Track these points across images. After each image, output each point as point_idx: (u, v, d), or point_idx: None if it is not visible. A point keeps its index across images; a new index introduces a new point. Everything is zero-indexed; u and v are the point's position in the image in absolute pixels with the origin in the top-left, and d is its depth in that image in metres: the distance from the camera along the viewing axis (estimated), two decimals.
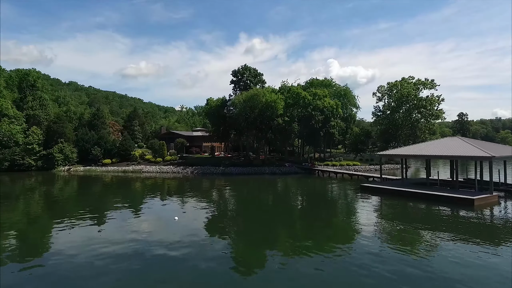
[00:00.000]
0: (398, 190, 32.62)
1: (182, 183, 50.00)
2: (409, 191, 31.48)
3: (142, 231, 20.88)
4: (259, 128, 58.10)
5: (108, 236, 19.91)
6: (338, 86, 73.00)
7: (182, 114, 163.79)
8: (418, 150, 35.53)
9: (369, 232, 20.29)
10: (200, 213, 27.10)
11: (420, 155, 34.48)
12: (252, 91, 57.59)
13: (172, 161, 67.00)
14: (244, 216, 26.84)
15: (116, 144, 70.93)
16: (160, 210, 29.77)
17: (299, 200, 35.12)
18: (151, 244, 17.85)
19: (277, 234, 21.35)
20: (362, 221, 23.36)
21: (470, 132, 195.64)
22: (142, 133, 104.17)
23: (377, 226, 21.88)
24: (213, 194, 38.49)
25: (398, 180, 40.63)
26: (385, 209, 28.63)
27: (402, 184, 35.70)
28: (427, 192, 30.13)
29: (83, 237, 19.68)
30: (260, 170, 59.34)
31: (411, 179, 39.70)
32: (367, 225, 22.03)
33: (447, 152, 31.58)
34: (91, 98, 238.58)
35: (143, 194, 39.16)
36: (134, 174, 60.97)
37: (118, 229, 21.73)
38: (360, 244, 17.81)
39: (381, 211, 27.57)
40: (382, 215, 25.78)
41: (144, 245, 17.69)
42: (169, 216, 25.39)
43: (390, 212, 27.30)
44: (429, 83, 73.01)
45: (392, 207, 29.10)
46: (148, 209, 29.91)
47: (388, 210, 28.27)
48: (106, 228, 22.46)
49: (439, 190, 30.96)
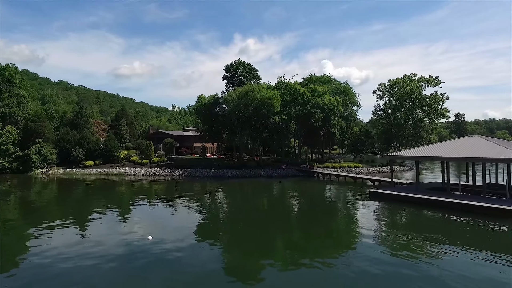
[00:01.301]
0: (415, 197, 28.21)
1: (169, 187, 45.16)
2: (430, 199, 27.09)
3: (126, 240, 18.80)
4: (253, 127, 53.45)
5: (89, 247, 17.64)
6: (338, 82, 68.65)
7: (174, 113, 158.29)
8: (434, 151, 31.21)
9: (395, 255, 15.81)
10: (188, 220, 24.74)
11: (437, 157, 30.13)
12: (247, 87, 52.95)
13: (160, 163, 62.01)
14: (237, 228, 22.22)
15: (99, 144, 65.68)
16: (145, 217, 26.41)
17: (300, 210, 30.51)
18: (135, 255, 16.19)
19: (276, 247, 17.60)
20: (382, 240, 18.88)
21: (467, 133, 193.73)
22: (131, 133, 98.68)
23: (407, 249, 17.39)
24: (202, 201, 33.76)
25: (411, 185, 36.29)
26: (404, 222, 24.18)
27: (417, 190, 31.33)
28: (452, 200, 25.75)
29: (64, 246, 17.86)
30: (255, 172, 54.68)
31: (425, 184, 35.40)
32: (389, 247, 17.55)
33: (472, 153, 27.27)
34: (81, 97, 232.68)
35: (124, 201, 34.30)
36: (118, 177, 55.92)
37: (98, 242, 18.71)
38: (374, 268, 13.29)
39: (401, 225, 23.10)
40: (404, 233, 21.27)
41: (129, 255, 16.26)
42: (154, 225, 22.96)
43: (413, 227, 22.83)
44: (433, 80, 69.06)
45: (413, 220, 24.68)
46: (130, 217, 26.19)
47: (409, 224, 23.81)
48: (90, 233, 20.81)
49: (464, 198, 26.62)
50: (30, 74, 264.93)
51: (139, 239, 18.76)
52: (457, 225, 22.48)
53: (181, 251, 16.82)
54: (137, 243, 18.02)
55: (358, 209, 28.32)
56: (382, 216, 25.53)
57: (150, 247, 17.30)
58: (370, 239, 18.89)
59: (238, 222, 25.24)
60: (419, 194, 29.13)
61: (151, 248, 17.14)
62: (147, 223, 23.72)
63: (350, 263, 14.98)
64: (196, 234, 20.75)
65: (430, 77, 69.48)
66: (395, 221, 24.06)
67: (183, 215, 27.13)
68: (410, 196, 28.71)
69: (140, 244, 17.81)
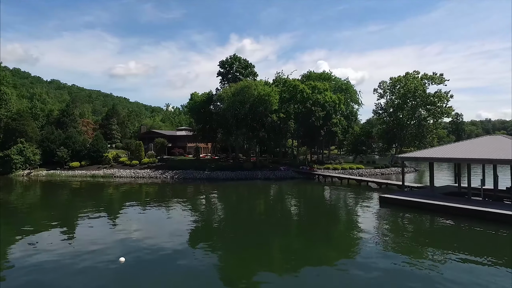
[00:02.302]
0: (433, 204, 24.92)
1: (158, 190, 41.57)
2: (450, 206, 23.81)
3: (114, 247, 17.62)
4: (250, 126, 49.98)
5: (73, 256, 16.17)
6: (339, 80, 65.30)
7: (168, 113, 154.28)
8: (452, 152, 27.97)
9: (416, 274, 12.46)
10: (180, 226, 22.76)
11: (457, 158, 26.86)
12: (243, 83, 49.47)
13: (150, 164, 58.26)
14: (232, 235, 18.75)
15: (86, 144, 61.78)
16: (134, 222, 24.12)
17: (302, 217, 27.07)
18: (126, 262, 14.90)
19: (275, 257, 15.76)
20: (408, 265, 15.52)
21: (465, 133, 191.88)
22: (122, 132, 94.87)
23: (432, 267, 14.03)
24: (195, 206, 30.26)
25: (423, 189, 33.05)
26: (424, 233, 20.85)
27: (433, 195, 28.09)
28: (479, 208, 22.48)
29: (49, 252, 16.71)
30: (251, 174, 51.20)
31: (438, 188, 32.17)
32: (413, 269, 14.19)
33: (498, 155, 24.04)
34: (72, 96, 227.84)
35: (110, 205, 30.64)
36: (104, 179, 52.19)
37: (84, 250, 17.19)
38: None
39: (421, 238, 19.73)
40: (427, 247, 17.93)
41: (118, 262, 14.91)
42: (144, 231, 21.26)
43: (436, 240, 19.49)
44: (437, 78, 65.99)
45: (435, 231, 21.41)
46: (118, 223, 24.18)
47: (431, 236, 20.48)
48: (76, 240, 19.44)
49: (489, 205, 23.38)
50: (21, 73, 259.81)
51: (127, 245, 17.78)
52: (488, 237, 19.21)
53: (173, 259, 15.79)
54: (127, 250, 16.93)
55: (368, 217, 24.95)
56: (399, 227, 22.22)
57: (141, 254, 16.33)
58: (388, 257, 15.51)
59: (234, 229, 22.59)
60: (436, 200, 25.87)
61: (142, 255, 16.19)
62: (136, 228, 21.84)
63: None
64: (189, 241, 19.28)
65: (434, 74, 66.45)
66: (413, 232, 20.72)
67: (174, 221, 24.89)
68: (427, 203, 25.40)
69: (130, 250, 16.82)
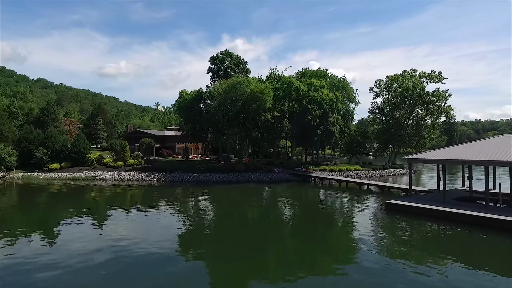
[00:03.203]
0: (449, 212, 22.15)
1: (144, 194, 38.20)
2: (471, 215, 21.06)
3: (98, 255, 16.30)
4: (242, 125, 46.84)
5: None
6: (335, 77, 62.56)
7: (157, 112, 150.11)
8: (466, 154, 25.31)
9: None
10: (167, 232, 21.30)
11: (475, 161, 24.13)
12: (234, 79, 46.30)
13: (136, 166, 54.66)
14: (223, 244, 15.70)
15: (67, 145, 57.85)
16: (117, 228, 22.04)
17: (301, 226, 24.00)
18: (111, 270, 14.11)
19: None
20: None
21: (457, 134, 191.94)
22: (108, 132, 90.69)
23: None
24: (182, 211, 27.01)
25: (431, 193, 30.37)
26: (444, 247, 18.03)
27: (444, 201, 25.39)
28: (504, 218, 19.76)
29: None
30: (243, 177, 48.03)
31: (448, 192, 29.52)
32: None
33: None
34: (59, 95, 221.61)
35: (86, 211, 27.18)
36: (85, 182, 48.44)
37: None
38: None
39: (445, 256, 16.90)
40: (451, 265, 15.07)
41: (102, 270, 14.14)
42: (128, 238, 19.62)
43: (462, 255, 16.68)
44: (436, 76, 63.78)
45: (458, 247, 18.60)
46: (101, 229, 21.88)
47: (453, 250, 17.66)
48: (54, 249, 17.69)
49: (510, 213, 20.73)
50: (6, 71, 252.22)
51: (110, 253, 16.60)
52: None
53: (160, 266, 14.71)
54: (110, 257, 15.90)
55: (374, 227, 22.06)
56: (411, 239, 19.35)
57: (126, 260, 15.41)
58: (400, 273, 12.57)
59: (225, 235, 20.87)
60: (450, 207, 23.14)
61: (127, 262, 15.29)
62: (120, 236, 19.84)
63: None
64: (177, 248, 17.88)
65: (432, 72, 64.26)
66: (430, 246, 17.87)
67: (160, 227, 22.86)
68: (441, 211, 22.63)
69: (113, 258, 15.84)
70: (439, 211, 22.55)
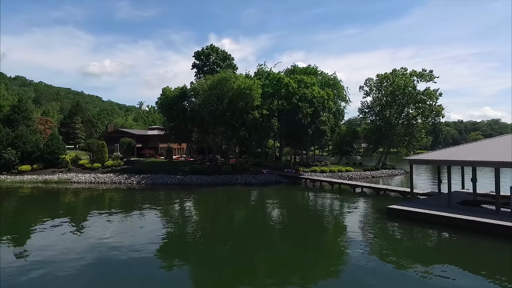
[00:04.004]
0: (457, 219, 19.96)
1: (120, 199, 34.84)
2: (483, 222, 18.89)
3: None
4: (229, 123, 43.99)
5: None
6: (326, 74, 60.39)
7: (141, 111, 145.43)
8: (473, 154, 23.27)
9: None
10: (149, 239, 19.52)
11: (481, 162, 22.05)
12: (220, 75, 43.43)
13: (114, 167, 51.00)
14: (209, 250, 13.12)
15: (39, 145, 53.65)
16: (93, 235, 19.93)
17: (294, 235, 21.37)
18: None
19: None
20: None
21: (442, 133, 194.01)
22: (87, 132, 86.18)
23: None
24: (163, 216, 24.00)
25: (432, 196, 28.28)
26: (456, 257, 15.73)
27: (449, 206, 23.29)
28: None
29: None
30: (230, 179, 45.15)
31: (449, 194, 27.50)
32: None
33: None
34: (38, 94, 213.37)
35: (57, 217, 23.82)
36: (58, 185, 44.62)
37: None
38: None
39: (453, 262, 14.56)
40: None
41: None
42: (107, 245, 18.15)
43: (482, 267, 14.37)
44: (427, 75, 62.58)
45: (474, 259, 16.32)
46: (71, 237, 16.89)
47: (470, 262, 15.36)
48: None
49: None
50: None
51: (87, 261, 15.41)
52: None
53: (142, 276, 13.67)
54: (87, 266, 14.79)
55: (375, 235, 19.67)
56: (420, 251, 17.00)
57: (107, 269, 14.57)
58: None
59: (210, 243, 18.54)
60: (455, 212, 20.99)
61: (108, 270, 14.46)
62: (97, 243, 18.37)
63: None
64: (161, 253, 16.78)
65: (423, 71, 63.01)
66: (442, 257, 15.56)
67: (141, 233, 20.88)
68: (448, 217, 20.41)
69: (91, 267, 14.77)
70: (447, 218, 20.31)
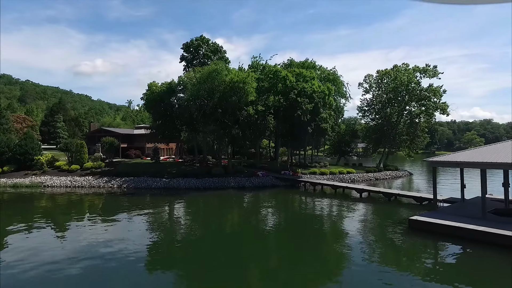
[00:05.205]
0: (501, 236, 16.04)
1: (97, 204, 30.26)
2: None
3: None
4: (220, 121, 39.69)
5: None
6: (325, 69, 56.31)
7: (130, 110, 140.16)
8: (506, 156, 19.40)
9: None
10: (132, 248, 17.09)
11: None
12: (211, 67, 39.07)
13: (94, 170, 46.28)
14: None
15: (10, 145, 48.63)
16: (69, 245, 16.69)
17: (300, 254, 17.18)
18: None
19: None
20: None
21: (438, 134, 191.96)
22: (70, 131, 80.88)
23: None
24: (147, 225, 19.63)
25: (455, 203, 24.35)
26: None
27: (484, 217, 19.38)
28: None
29: None
30: (221, 182, 40.79)
31: (473, 202, 23.65)
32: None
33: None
34: (23, 92, 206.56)
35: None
36: (30, 190, 39.93)
37: None
38: None
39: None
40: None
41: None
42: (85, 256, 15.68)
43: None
44: (431, 70, 59.02)
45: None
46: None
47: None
48: None
49: None
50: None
51: None
52: None
53: None
54: None
55: (406, 259, 15.63)
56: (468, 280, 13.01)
57: None
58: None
59: (197, 256, 12.75)
60: (496, 226, 17.09)
61: None
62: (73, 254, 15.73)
63: None
64: (147, 266, 14.71)
65: (427, 66, 59.49)
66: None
67: (123, 245, 17.57)
68: (490, 233, 16.47)
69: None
70: (491, 234, 16.34)
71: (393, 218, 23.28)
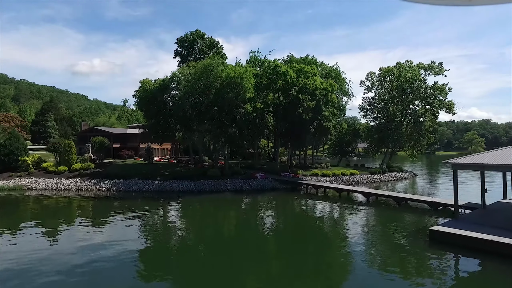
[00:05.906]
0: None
1: (80, 210, 27.64)
2: None
3: None
4: (216, 119, 37.13)
5: None
6: (326, 65, 53.84)
7: (125, 109, 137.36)
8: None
9: None
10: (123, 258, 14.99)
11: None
12: (206, 61, 36.56)
13: (83, 171, 43.61)
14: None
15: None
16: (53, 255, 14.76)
17: (309, 274, 14.66)
18: None
19: None
20: None
21: (438, 133, 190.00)
22: (62, 131, 78.00)
23: None
24: (137, 235, 17.10)
25: (476, 211, 21.91)
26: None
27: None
28: None
29: None
30: (217, 185, 38.19)
31: (493, 208, 21.26)
32: None
33: None
34: (17, 91, 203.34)
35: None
36: (12, 193, 37.35)
37: None
38: None
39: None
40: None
41: None
42: None
43: None
44: (436, 68, 56.72)
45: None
46: None
47: None
48: None
49: None
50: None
51: None
52: None
53: None
54: None
55: (431, 279, 13.17)
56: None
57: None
58: None
59: None
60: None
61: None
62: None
63: None
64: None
65: (432, 63, 57.18)
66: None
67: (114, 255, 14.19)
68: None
69: None
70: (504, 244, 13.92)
71: (409, 227, 20.86)
